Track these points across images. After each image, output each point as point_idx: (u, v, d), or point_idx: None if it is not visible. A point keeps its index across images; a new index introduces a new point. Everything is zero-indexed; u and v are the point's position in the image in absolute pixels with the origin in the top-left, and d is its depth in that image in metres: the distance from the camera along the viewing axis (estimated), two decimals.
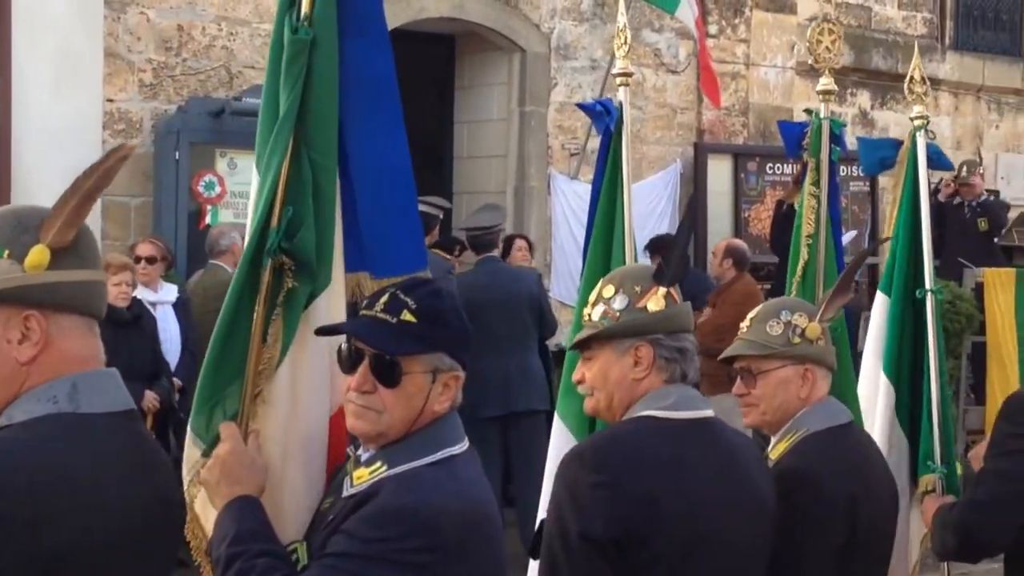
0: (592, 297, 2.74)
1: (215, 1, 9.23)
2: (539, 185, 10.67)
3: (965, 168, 11.30)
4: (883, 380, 4.05)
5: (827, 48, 4.23)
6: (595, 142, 10.78)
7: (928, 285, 3.99)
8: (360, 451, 2.47)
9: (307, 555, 2.40)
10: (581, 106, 4.82)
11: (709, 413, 2.70)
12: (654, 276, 2.70)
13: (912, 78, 4.17)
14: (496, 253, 8.03)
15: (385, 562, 2.22)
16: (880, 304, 4.10)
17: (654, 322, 2.65)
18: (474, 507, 2.32)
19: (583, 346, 2.74)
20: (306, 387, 2.66)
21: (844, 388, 3.81)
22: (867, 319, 4.43)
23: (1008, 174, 14.36)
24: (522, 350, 7.75)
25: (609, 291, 2.70)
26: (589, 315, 2.72)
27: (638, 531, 2.48)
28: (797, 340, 3.11)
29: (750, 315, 3.25)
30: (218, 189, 8.82)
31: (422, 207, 7.74)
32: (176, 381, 7.20)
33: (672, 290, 2.69)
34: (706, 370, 7.16)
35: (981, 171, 11.93)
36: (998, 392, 7.11)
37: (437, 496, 2.28)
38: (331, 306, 2.71)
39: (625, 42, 4.17)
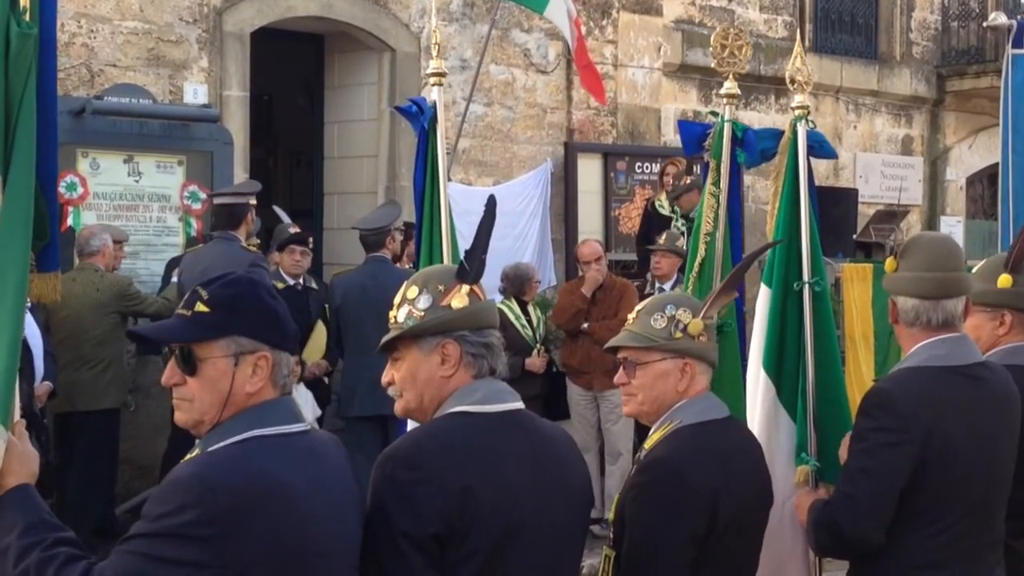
0: (397, 299, 2.75)
1: None
2: (410, 185, 10.56)
3: (688, 179, 10.12)
4: (762, 375, 4.03)
5: (732, 53, 4.28)
6: (465, 142, 10.83)
7: (805, 276, 4.02)
8: None
9: None
10: (398, 108, 4.83)
11: (519, 405, 2.73)
12: (457, 274, 2.73)
13: (794, 66, 4.19)
14: (386, 253, 7.94)
15: (167, 537, 2.29)
16: (763, 296, 4.11)
17: (459, 319, 2.67)
18: (261, 484, 2.35)
19: (390, 348, 2.75)
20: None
21: (731, 383, 3.83)
22: None
23: (865, 173, 14.79)
24: None
25: (413, 292, 2.72)
26: (395, 317, 2.73)
27: (457, 524, 2.50)
28: (679, 335, 3.16)
29: (638, 307, 3.28)
30: (80, 190, 8.62)
31: (228, 199, 7.67)
32: (47, 384, 7.06)
33: (476, 287, 2.73)
34: (613, 365, 7.06)
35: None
36: (854, 384, 7.29)
37: (214, 470, 2.35)
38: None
39: (436, 42, 4.22)
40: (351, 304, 7.75)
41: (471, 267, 2.73)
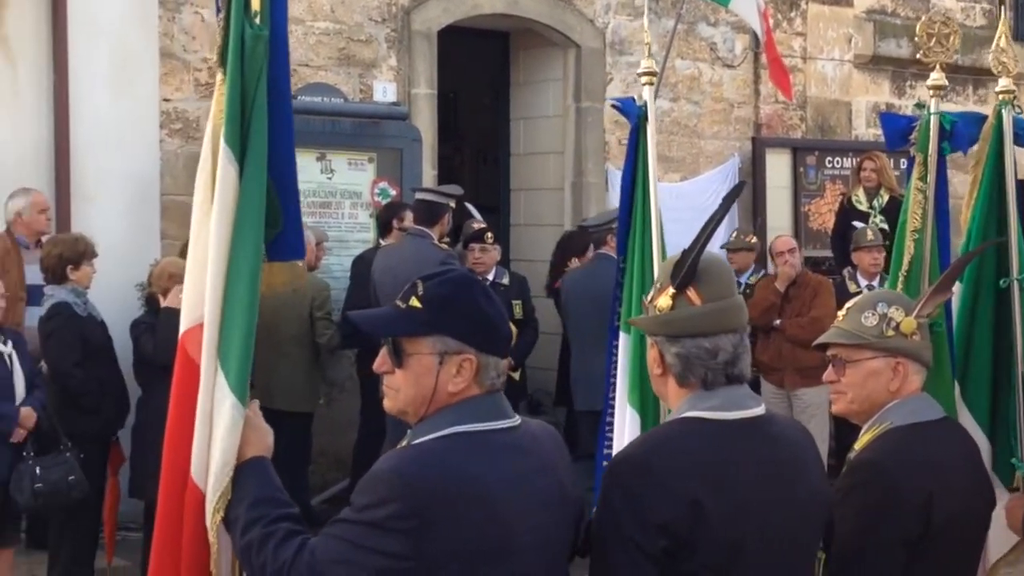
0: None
1: None
2: (597, 181, 10.59)
3: (751, 238, 9.65)
4: None
5: (938, 42, 4.13)
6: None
7: (1014, 273, 3.84)
8: None
9: None
10: (615, 104, 4.86)
11: (759, 411, 2.62)
12: (671, 274, 2.61)
13: (998, 47, 4.01)
14: (609, 250, 7.96)
15: (370, 527, 2.33)
16: (956, 293, 3.96)
17: (652, 324, 2.62)
18: (457, 480, 2.35)
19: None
20: None
21: (939, 385, 3.69)
22: None
23: None
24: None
25: (654, 276, 2.70)
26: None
27: (686, 535, 2.44)
28: (891, 333, 3.07)
29: (848, 304, 3.21)
30: None
31: (429, 196, 7.76)
32: None
33: (689, 291, 2.58)
34: (805, 362, 7.04)
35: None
36: None
37: (413, 465, 2.37)
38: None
39: (647, 42, 4.20)
40: (574, 301, 7.94)
41: (679, 268, 2.61)
